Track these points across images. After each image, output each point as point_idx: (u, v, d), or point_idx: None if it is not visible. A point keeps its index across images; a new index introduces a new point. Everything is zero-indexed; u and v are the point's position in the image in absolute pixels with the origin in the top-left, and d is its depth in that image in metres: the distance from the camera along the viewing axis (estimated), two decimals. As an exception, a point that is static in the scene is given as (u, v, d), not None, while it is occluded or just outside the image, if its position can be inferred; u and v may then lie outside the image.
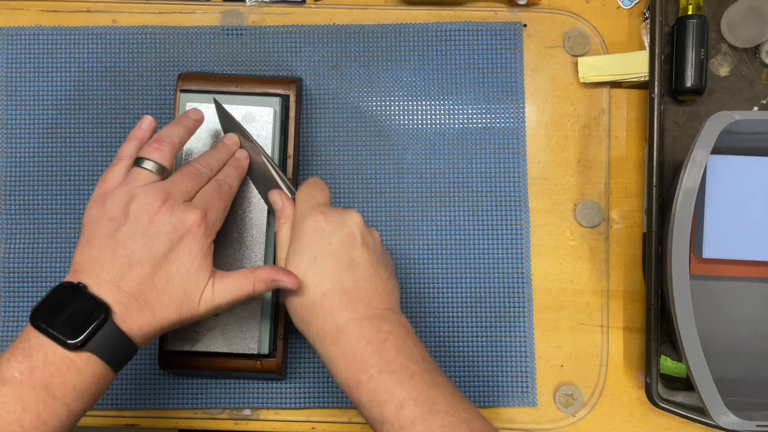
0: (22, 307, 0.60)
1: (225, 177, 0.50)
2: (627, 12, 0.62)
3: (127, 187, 0.45)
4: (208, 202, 0.47)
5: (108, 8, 0.62)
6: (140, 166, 0.46)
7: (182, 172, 0.47)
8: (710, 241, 0.55)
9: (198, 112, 0.51)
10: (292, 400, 0.59)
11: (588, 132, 0.61)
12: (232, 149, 0.52)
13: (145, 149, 0.47)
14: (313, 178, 0.51)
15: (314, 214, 0.47)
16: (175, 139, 0.48)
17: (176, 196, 0.45)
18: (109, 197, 0.45)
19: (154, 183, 0.46)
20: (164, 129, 0.49)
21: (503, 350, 0.59)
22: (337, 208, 0.49)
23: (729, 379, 0.51)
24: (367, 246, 0.48)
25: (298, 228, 0.48)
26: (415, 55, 0.61)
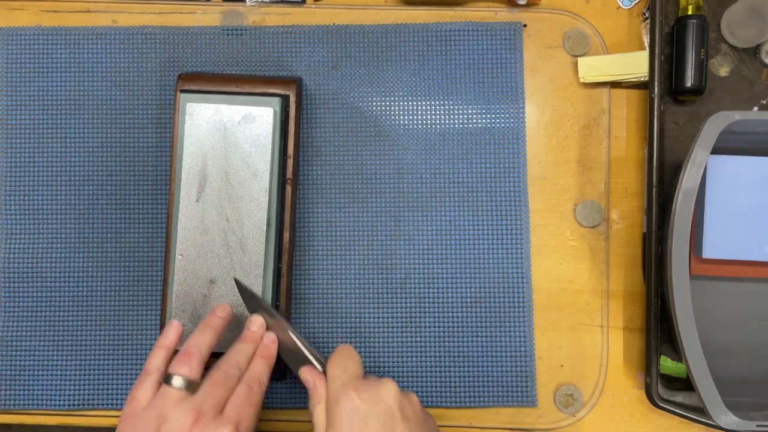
0: (22, 307, 0.60)
1: (255, 374, 0.49)
2: (627, 12, 0.62)
3: (158, 409, 0.45)
4: (239, 411, 0.46)
5: (108, 8, 0.62)
6: (169, 383, 0.46)
7: (211, 381, 0.47)
8: (710, 241, 0.55)
9: (225, 310, 0.51)
10: (292, 400, 0.59)
11: (588, 132, 0.61)
12: (258, 336, 0.51)
13: (174, 364, 0.46)
14: (343, 347, 0.50)
15: (347, 393, 0.46)
16: (203, 348, 0.48)
17: (207, 413, 0.45)
18: (141, 420, 0.45)
19: (185, 400, 0.45)
20: (192, 337, 0.48)
21: (503, 350, 0.59)
22: (370, 380, 0.47)
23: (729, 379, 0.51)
24: (407, 419, 0.46)
25: (333, 411, 0.46)
26: (415, 55, 0.61)
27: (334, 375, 0.48)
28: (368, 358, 0.59)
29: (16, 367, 0.59)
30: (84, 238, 0.60)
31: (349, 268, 0.60)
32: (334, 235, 0.60)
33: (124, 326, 0.59)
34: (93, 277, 0.60)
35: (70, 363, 0.59)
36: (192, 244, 0.54)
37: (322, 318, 0.59)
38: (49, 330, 0.59)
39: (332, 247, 0.60)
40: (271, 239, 0.54)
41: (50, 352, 0.59)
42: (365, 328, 0.59)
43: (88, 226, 0.60)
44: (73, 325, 0.59)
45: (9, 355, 0.59)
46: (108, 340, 0.59)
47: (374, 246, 0.60)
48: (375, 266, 0.60)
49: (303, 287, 0.60)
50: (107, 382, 0.59)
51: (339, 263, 0.60)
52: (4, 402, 0.59)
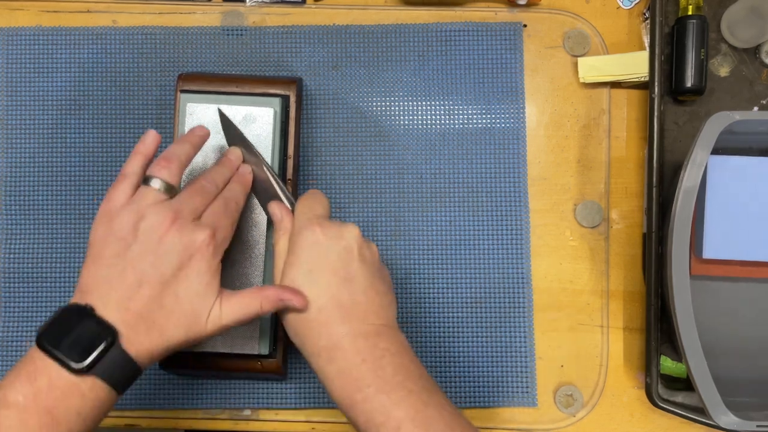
0: (22, 307, 0.60)
1: (231, 194, 0.49)
2: (627, 12, 0.62)
3: (136, 206, 0.45)
4: (217, 220, 0.47)
5: (108, 8, 0.62)
6: (148, 184, 0.46)
7: (190, 189, 0.47)
8: (710, 241, 0.55)
9: (203, 129, 0.51)
10: (292, 400, 0.59)
11: (588, 132, 0.61)
12: (235, 164, 0.52)
13: (153, 167, 0.47)
14: (313, 191, 0.51)
15: (311, 227, 0.47)
16: (183, 157, 0.48)
17: (185, 215, 0.45)
18: (117, 216, 0.45)
19: (163, 202, 0.45)
20: (171, 146, 0.48)
21: (503, 350, 0.59)
22: (335, 221, 0.48)
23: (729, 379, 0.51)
24: (364, 260, 0.47)
25: (295, 240, 0.47)
26: (415, 55, 0.61)
27: (301, 212, 0.49)
28: (368, 358, 0.59)
29: (16, 367, 0.59)
30: (84, 239, 0.60)
31: (349, 268, 0.60)
32: (334, 235, 0.60)
33: (124, 326, 0.59)
34: (93, 277, 0.60)
35: (70, 363, 0.59)
36: (192, 244, 0.54)
37: (322, 318, 0.59)
38: (49, 330, 0.59)
39: (332, 247, 0.60)
40: (270, 240, 0.54)
41: (50, 352, 0.59)
42: (365, 328, 0.59)
43: (88, 226, 0.60)
44: (73, 325, 0.59)
45: (9, 355, 0.59)
46: (108, 340, 0.59)
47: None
48: (375, 266, 0.59)
49: (303, 287, 0.59)
50: (107, 382, 0.59)
51: (339, 263, 0.60)
52: (4, 402, 0.59)
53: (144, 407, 0.59)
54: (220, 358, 0.54)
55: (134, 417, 0.59)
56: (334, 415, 0.59)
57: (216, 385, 0.58)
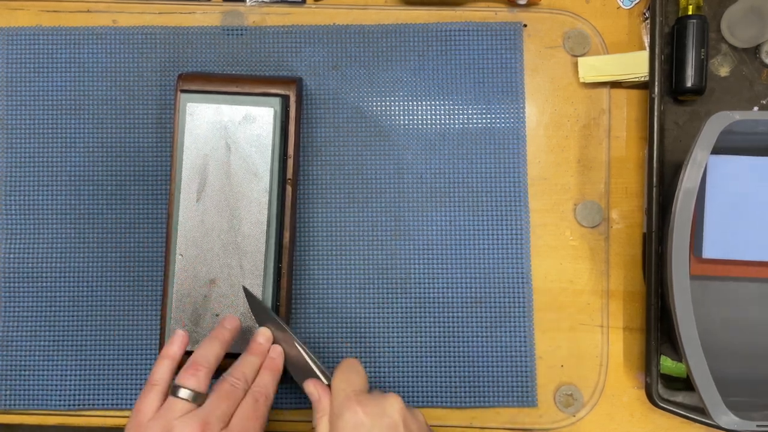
0: (22, 307, 0.60)
1: (261, 387, 0.49)
2: (627, 12, 0.62)
3: (164, 421, 0.44)
4: (245, 424, 0.46)
5: (108, 8, 0.62)
6: (176, 394, 0.45)
7: (218, 393, 0.46)
8: (710, 241, 0.55)
9: (233, 322, 0.51)
10: (292, 400, 0.59)
11: (588, 132, 0.61)
12: (265, 349, 0.51)
13: (181, 375, 0.46)
14: (348, 361, 0.50)
15: (351, 407, 0.46)
16: (212, 359, 0.48)
17: (214, 425, 0.45)
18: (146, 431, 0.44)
19: (191, 412, 0.45)
20: (200, 348, 0.48)
21: (503, 350, 0.59)
22: (375, 395, 0.47)
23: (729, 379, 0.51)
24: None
25: (336, 424, 0.46)
26: (415, 55, 0.61)
27: (339, 388, 0.48)
28: (368, 359, 0.59)
29: (16, 367, 0.59)
30: (84, 238, 0.60)
31: (350, 267, 0.60)
32: (334, 235, 0.60)
33: (124, 326, 0.59)
34: (93, 277, 0.60)
35: (70, 363, 0.59)
36: (192, 244, 0.54)
37: (322, 318, 0.59)
38: (49, 330, 0.59)
39: (332, 247, 0.60)
40: (271, 239, 0.54)
41: (50, 352, 0.59)
42: (365, 328, 0.59)
43: (88, 226, 0.60)
44: (73, 325, 0.59)
45: (9, 355, 0.59)
46: (108, 340, 0.59)
47: (374, 246, 0.60)
48: (375, 266, 0.60)
49: (303, 287, 0.60)
50: (107, 382, 0.59)
51: (339, 263, 0.60)
52: (4, 402, 0.59)
53: (144, 407, 0.58)
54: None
55: (134, 417, 0.59)
56: (334, 415, 0.59)
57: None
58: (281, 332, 0.52)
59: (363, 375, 0.49)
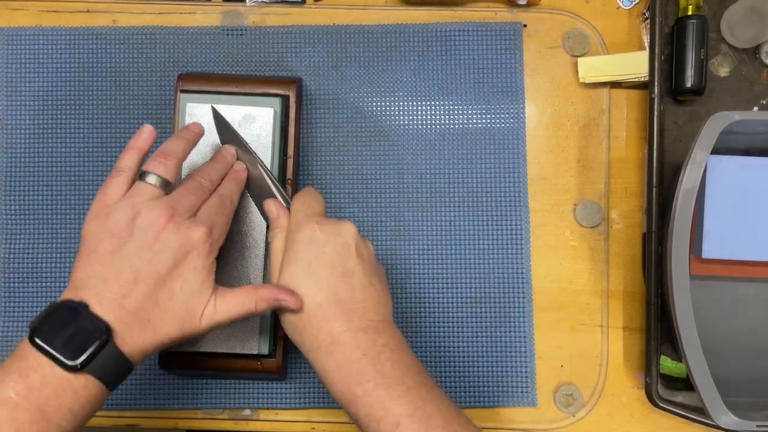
0: (22, 307, 0.60)
1: (226, 191, 0.49)
2: (627, 12, 0.62)
3: (131, 202, 0.45)
4: (212, 217, 0.47)
5: (108, 8, 0.62)
6: (144, 180, 0.46)
7: (186, 186, 0.47)
8: (710, 241, 0.55)
9: (198, 126, 0.51)
10: (292, 400, 0.59)
11: (588, 132, 0.61)
12: (230, 161, 0.52)
13: (149, 163, 0.46)
14: (308, 188, 0.51)
15: (309, 224, 0.47)
16: (179, 153, 0.48)
17: (181, 212, 0.45)
18: (112, 212, 0.44)
19: (159, 198, 0.45)
20: (167, 142, 0.48)
21: (503, 350, 0.59)
22: (332, 219, 0.49)
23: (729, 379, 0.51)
24: (361, 256, 0.48)
25: (293, 237, 0.47)
26: (415, 55, 0.61)
27: (298, 209, 0.49)
28: (368, 358, 0.59)
29: (16, 367, 0.59)
30: (84, 238, 0.60)
31: (349, 268, 0.60)
32: (334, 235, 0.60)
33: (124, 326, 0.59)
34: (93, 277, 0.60)
35: (70, 363, 0.59)
36: (192, 244, 0.54)
37: (322, 318, 0.59)
38: (49, 330, 0.59)
39: (332, 247, 0.60)
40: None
41: (50, 352, 0.59)
42: (365, 328, 0.59)
43: (88, 226, 0.60)
44: (73, 325, 0.59)
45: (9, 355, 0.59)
46: (108, 340, 0.59)
47: (374, 246, 0.59)
48: (375, 266, 0.59)
49: (303, 287, 0.59)
50: (107, 382, 0.59)
51: (339, 263, 0.60)
52: (4, 402, 0.59)
53: (144, 407, 0.59)
54: (220, 358, 0.54)
55: (134, 417, 0.59)
56: (334, 415, 0.59)
57: (216, 385, 0.58)
58: (246, 154, 0.53)
59: (321, 202, 0.50)
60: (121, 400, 0.59)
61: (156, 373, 0.59)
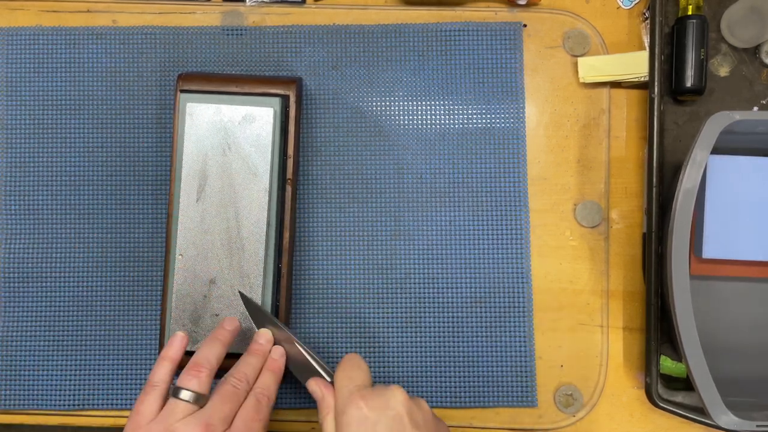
0: (22, 307, 0.60)
1: (263, 388, 0.48)
2: (627, 12, 0.62)
3: (165, 423, 0.44)
4: (248, 425, 0.46)
5: (108, 8, 0.62)
6: (177, 396, 0.45)
7: (220, 394, 0.46)
8: (710, 241, 0.55)
9: (233, 323, 0.51)
10: (292, 400, 0.59)
11: (588, 132, 0.61)
12: (266, 350, 0.51)
13: (182, 377, 0.46)
14: (350, 356, 0.50)
15: (355, 402, 0.46)
16: (213, 360, 0.47)
17: (216, 427, 0.44)
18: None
19: (193, 414, 0.45)
20: (201, 349, 0.48)
21: (503, 350, 0.59)
22: (378, 389, 0.47)
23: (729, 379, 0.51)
24: (417, 426, 0.46)
25: (341, 420, 0.46)
26: (415, 55, 0.61)
27: (342, 385, 0.47)
28: (368, 358, 0.59)
29: (16, 367, 0.59)
30: (84, 239, 0.60)
31: (349, 268, 0.60)
32: (334, 235, 0.60)
33: (124, 326, 0.59)
34: (93, 277, 0.60)
35: (70, 363, 0.59)
36: (192, 244, 0.54)
37: (322, 318, 0.59)
38: (49, 330, 0.59)
39: (332, 247, 0.60)
40: (271, 239, 0.54)
41: (50, 352, 0.59)
42: (365, 328, 0.59)
43: (88, 226, 0.60)
44: (73, 325, 0.59)
45: (9, 355, 0.59)
46: (108, 340, 0.59)
47: (374, 246, 0.60)
48: (375, 266, 0.60)
49: (303, 287, 0.60)
50: (107, 382, 0.59)
51: (339, 263, 0.60)
52: (4, 402, 0.59)
53: (144, 407, 0.58)
54: (220, 358, 0.54)
55: (134, 417, 0.59)
56: (334, 415, 0.59)
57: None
58: (281, 333, 0.52)
59: (365, 370, 0.49)
60: (121, 400, 0.59)
61: (156, 373, 0.59)
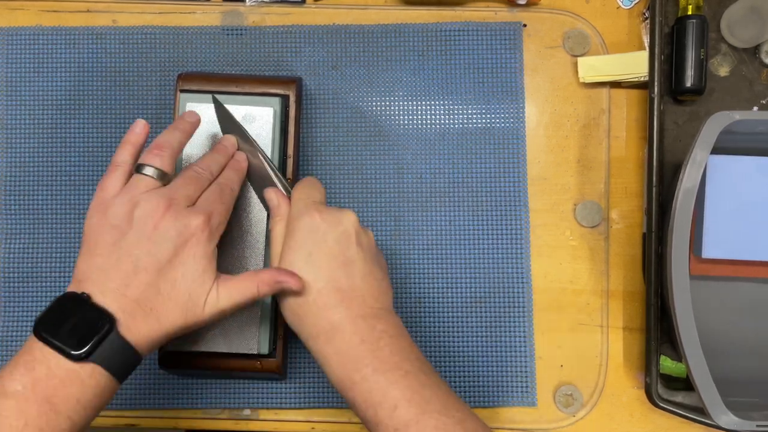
0: (22, 307, 0.60)
1: (226, 180, 0.50)
2: (627, 12, 0.62)
3: (129, 194, 0.45)
4: (211, 206, 0.47)
5: (108, 8, 0.62)
6: (141, 172, 0.46)
7: (183, 176, 0.47)
8: (710, 241, 0.55)
9: (194, 115, 0.51)
10: (292, 400, 0.59)
11: (588, 132, 0.61)
12: (230, 151, 0.52)
13: (145, 155, 0.47)
14: (309, 178, 0.51)
15: (310, 212, 0.47)
16: (175, 144, 0.48)
17: (179, 202, 0.45)
18: (111, 205, 0.45)
19: (157, 189, 0.46)
20: (163, 134, 0.48)
21: (503, 350, 0.59)
22: (333, 207, 0.49)
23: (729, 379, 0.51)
24: (361, 245, 0.48)
25: (294, 225, 0.48)
26: (415, 55, 0.61)
27: (299, 197, 0.49)
28: (368, 358, 0.59)
29: (16, 367, 0.59)
30: (84, 238, 0.60)
31: (349, 268, 0.60)
32: (334, 235, 0.60)
33: (124, 326, 0.59)
34: (93, 277, 0.60)
35: (70, 363, 0.59)
36: (192, 244, 0.54)
37: (322, 318, 0.59)
38: (49, 330, 0.59)
39: (332, 247, 0.60)
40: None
41: (50, 352, 0.59)
42: (365, 328, 0.59)
43: (88, 226, 0.60)
44: (73, 325, 0.59)
45: (9, 355, 0.59)
46: (108, 340, 0.59)
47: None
48: (375, 266, 0.59)
49: (303, 287, 0.59)
50: (107, 382, 0.59)
51: (339, 263, 0.60)
52: (4, 402, 0.59)
53: (144, 407, 0.59)
54: (219, 358, 0.54)
55: (134, 417, 0.59)
56: (334, 415, 0.59)
57: (216, 385, 0.58)
58: (246, 143, 0.53)
59: (322, 191, 0.50)
60: (121, 400, 0.59)
61: (156, 373, 0.59)
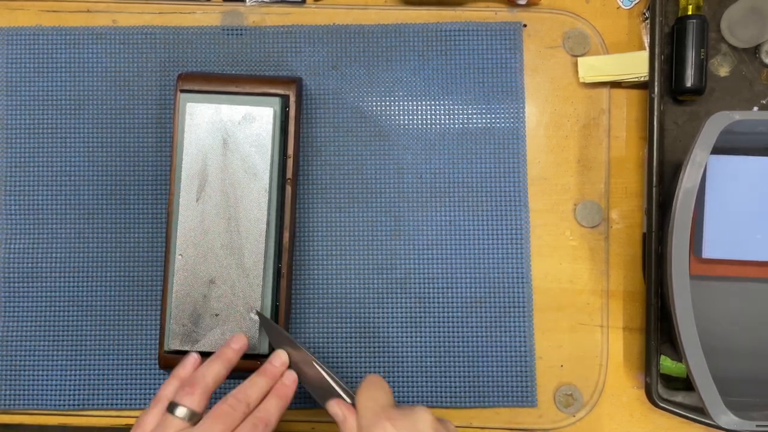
0: (22, 307, 0.60)
1: (264, 413, 0.47)
2: (627, 12, 0.62)
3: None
4: None
5: (108, 8, 0.62)
6: (172, 412, 0.45)
7: (214, 414, 0.45)
8: (710, 241, 0.55)
9: (241, 340, 0.50)
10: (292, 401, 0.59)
11: (588, 132, 0.61)
12: (277, 373, 0.49)
13: (178, 392, 0.46)
14: (371, 377, 0.48)
15: (380, 422, 0.44)
16: (209, 380, 0.47)
17: None
18: None
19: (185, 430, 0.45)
20: (202, 367, 0.48)
21: (503, 350, 0.59)
22: (403, 409, 0.46)
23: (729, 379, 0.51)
24: None
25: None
26: (415, 55, 0.61)
27: (365, 406, 0.46)
28: (368, 359, 0.59)
29: (16, 367, 0.59)
30: (84, 239, 0.60)
31: (349, 267, 0.60)
32: (334, 235, 0.60)
33: (124, 326, 0.59)
34: (93, 277, 0.60)
35: (70, 363, 0.59)
36: (192, 244, 0.54)
37: (322, 318, 0.59)
38: (49, 330, 0.60)
39: (332, 247, 0.60)
40: (271, 239, 0.54)
41: (50, 352, 0.59)
42: (365, 329, 0.59)
43: (88, 226, 0.60)
44: (73, 325, 0.59)
45: (9, 355, 0.59)
46: (108, 340, 0.59)
47: (374, 246, 0.60)
48: (375, 266, 0.60)
49: (303, 287, 0.60)
50: (107, 382, 0.59)
51: (339, 263, 0.60)
52: (4, 402, 0.59)
53: (144, 407, 0.59)
54: (220, 358, 0.54)
55: (134, 417, 0.59)
56: (334, 415, 0.59)
57: (216, 385, 0.58)
58: (298, 353, 0.50)
59: (388, 391, 0.47)
60: (121, 400, 0.59)
61: (156, 373, 0.59)
